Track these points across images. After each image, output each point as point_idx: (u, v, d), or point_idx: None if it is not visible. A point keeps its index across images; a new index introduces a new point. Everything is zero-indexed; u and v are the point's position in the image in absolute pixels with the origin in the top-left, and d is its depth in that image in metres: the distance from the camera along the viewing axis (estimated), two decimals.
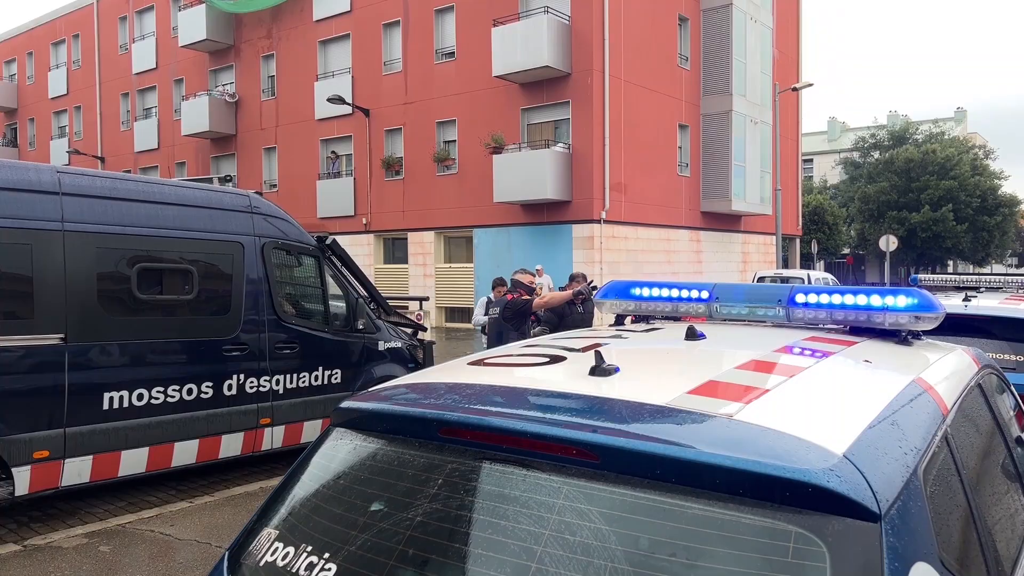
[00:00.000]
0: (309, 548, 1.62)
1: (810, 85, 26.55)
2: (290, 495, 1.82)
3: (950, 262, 44.28)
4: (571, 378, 1.92)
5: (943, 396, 1.94)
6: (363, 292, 7.72)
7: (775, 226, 25.60)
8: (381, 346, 7.59)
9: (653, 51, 21.79)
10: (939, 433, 1.76)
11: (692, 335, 2.38)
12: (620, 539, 1.39)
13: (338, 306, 7.51)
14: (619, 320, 3.09)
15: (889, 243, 29.04)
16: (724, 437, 1.48)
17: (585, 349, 2.20)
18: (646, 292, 3.01)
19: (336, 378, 7.09)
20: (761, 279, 21.16)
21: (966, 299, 6.23)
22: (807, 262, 36.50)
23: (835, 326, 2.76)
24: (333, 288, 7.41)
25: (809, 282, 20.19)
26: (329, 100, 22.66)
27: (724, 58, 23.54)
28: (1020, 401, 3.25)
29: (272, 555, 1.67)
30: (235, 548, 1.79)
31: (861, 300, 2.58)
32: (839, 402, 1.75)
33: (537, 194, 19.65)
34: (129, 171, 28.04)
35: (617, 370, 1.88)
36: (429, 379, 1.98)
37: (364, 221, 24.54)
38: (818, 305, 2.69)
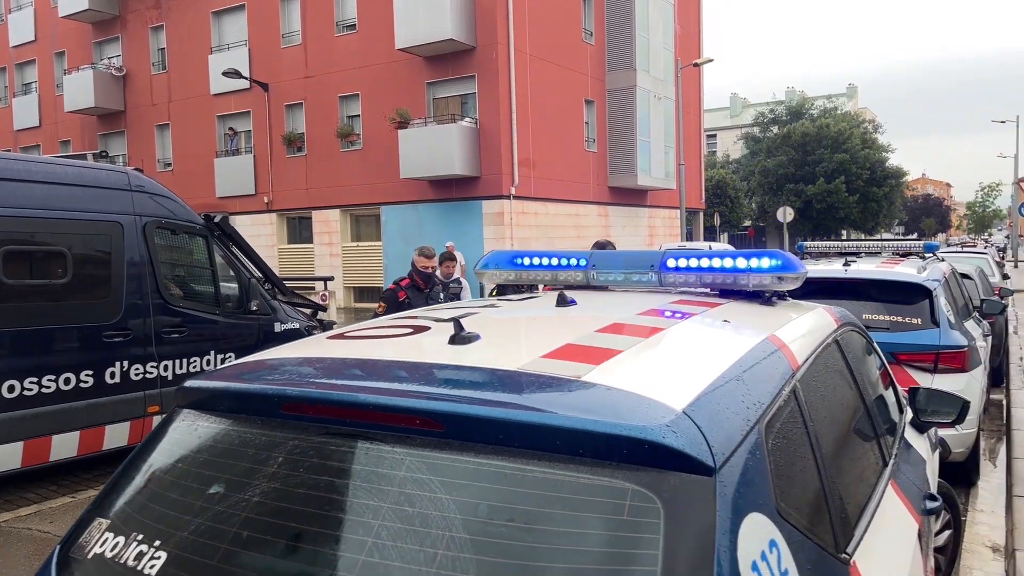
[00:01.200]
0: (140, 537, 1.52)
1: (710, 61, 27.20)
2: (126, 483, 1.71)
3: (844, 231, 46.52)
4: (429, 348, 1.88)
5: (795, 352, 1.99)
6: (257, 272, 7.46)
7: (679, 200, 26.23)
8: (278, 327, 7.36)
9: (558, 25, 21.81)
10: (787, 388, 1.80)
11: (563, 302, 2.37)
12: (459, 507, 1.36)
13: (230, 287, 7.23)
14: (502, 290, 3.06)
15: (786, 214, 30.28)
16: (568, 398, 1.47)
17: (453, 319, 2.16)
18: (527, 261, 2.99)
19: (230, 362, 6.83)
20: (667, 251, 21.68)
21: (846, 264, 6.52)
22: (711, 235, 37.67)
23: (706, 290, 2.82)
24: (225, 269, 7.12)
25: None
26: (225, 74, 21.71)
27: (627, 33, 23.82)
28: (884, 359, 3.42)
29: (101, 547, 1.56)
30: (66, 542, 1.67)
31: (727, 263, 2.64)
32: (688, 360, 1.77)
33: (445, 170, 19.47)
34: (9, 151, 26.19)
35: (478, 338, 1.85)
36: (280, 355, 1.90)
37: (266, 200, 23.75)
38: (688, 269, 2.73)
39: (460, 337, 1.82)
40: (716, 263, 2.67)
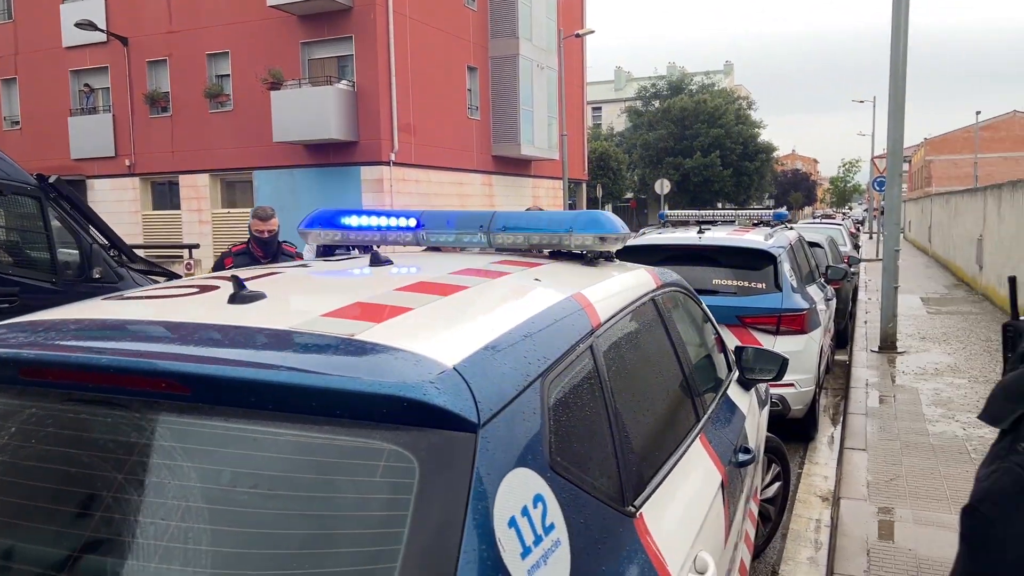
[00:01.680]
0: None
1: (592, 32, 27.50)
2: None
3: (719, 204, 48.62)
4: (204, 308, 1.75)
5: (599, 310, 1.99)
6: (101, 238, 6.94)
7: (562, 171, 26.55)
8: None
9: None
10: (582, 344, 1.79)
11: (376, 261, 2.29)
12: (201, 476, 1.26)
13: (70, 254, 6.69)
14: (326, 251, 2.93)
15: (663, 186, 31.28)
16: (330, 358, 1.39)
17: (252, 279, 2.04)
18: (354, 221, 2.87)
19: None
20: None
21: (700, 231, 6.76)
22: (594, 206, 38.42)
23: (537, 251, 2.80)
24: (64, 234, 6.58)
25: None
26: (78, 26, 20.00)
27: (510, 0, 23.68)
28: (712, 320, 3.53)
29: None
30: None
31: (552, 224, 2.62)
32: (479, 318, 1.72)
33: (321, 134, 18.82)
34: None
35: (262, 297, 1.73)
36: (37, 317, 1.71)
37: (128, 163, 22.25)
38: (516, 229, 2.70)
39: (240, 296, 1.70)
40: (542, 224, 2.66)
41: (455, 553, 1.17)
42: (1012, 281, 2.24)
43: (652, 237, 7.46)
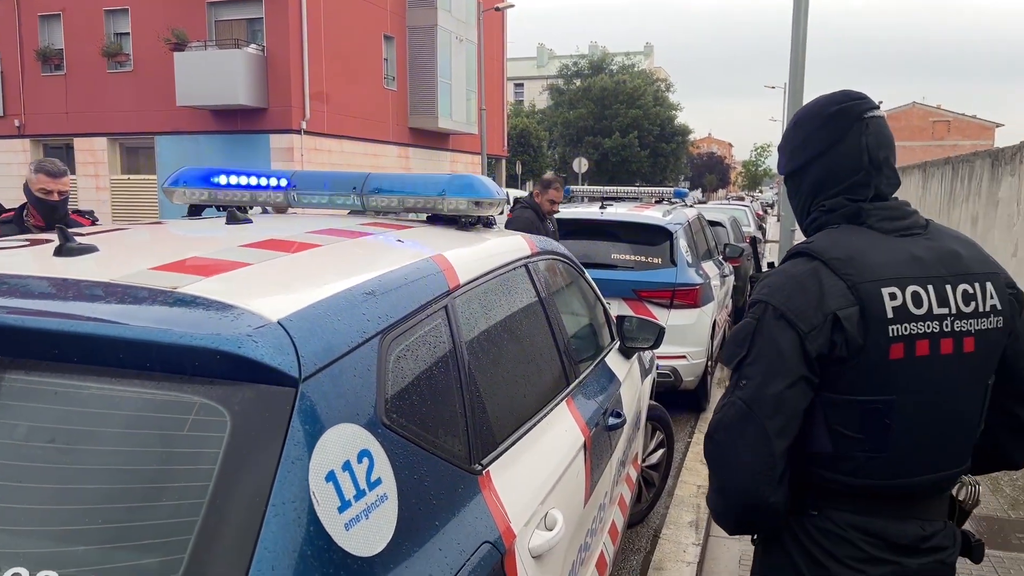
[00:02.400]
0: None
1: (511, 6, 27.33)
2: None
3: (637, 184, 49.38)
4: (25, 260, 1.65)
5: (459, 272, 1.97)
6: None
7: (481, 146, 26.41)
8: None
9: None
10: (435, 305, 1.78)
11: (234, 219, 2.21)
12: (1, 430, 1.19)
13: None
14: (194, 210, 2.81)
15: (581, 165, 31.58)
16: (147, 309, 1.33)
17: (90, 234, 1.94)
18: (223, 180, 2.76)
19: None
20: None
21: (602, 207, 6.86)
22: (513, 183, 38.46)
23: (412, 214, 2.77)
24: None
25: (508, 201, 21.21)
26: None
27: None
28: (596, 290, 3.58)
29: None
30: None
31: (426, 187, 2.59)
32: (321, 275, 1.68)
33: (227, 99, 18.09)
34: None
35: (93, 251, 1.65)
36: None
37: (16, 123, 20.86)
38: (391, 192, 2.66)
39: (67, 249, 1.61)
40: (416, 187, 2.62)
41: (263, 506, 1.14)
42: (753, 242, 2.43)
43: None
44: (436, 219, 2.70)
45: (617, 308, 5.70)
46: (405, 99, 23.75)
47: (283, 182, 2.74)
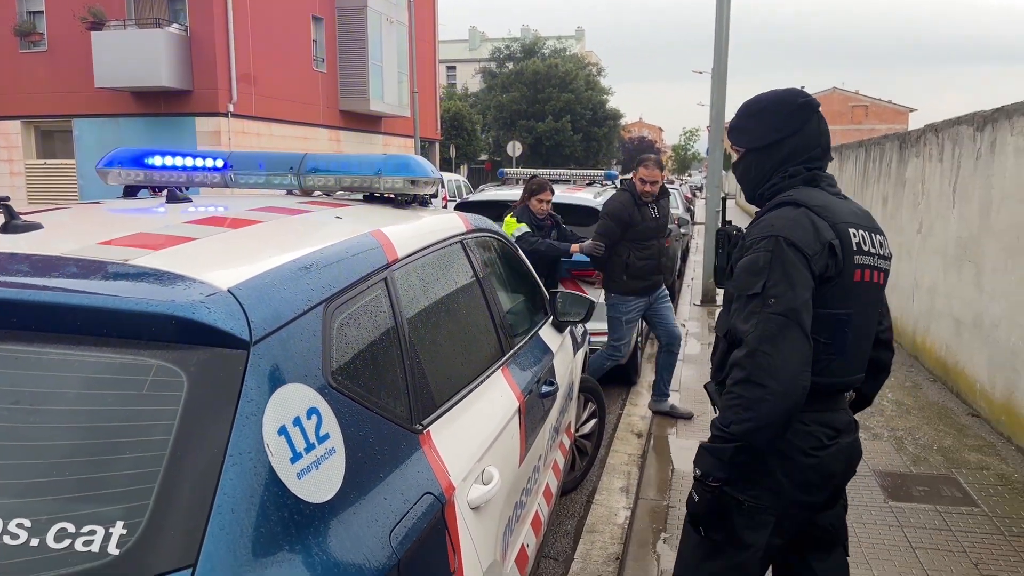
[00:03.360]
0: None
1: None
2: None
3: (571, 167, 49.76)
4: None
5: (397, 246, 2.08)
6: None
7: (414, 129, 26.25)
8: None
9: None
10: (375, 276, 1.88)
11: (174, 198, 2.26)
12: None
13: None
14: (130, 192, 2.83)
15: (515, 149, 31.72)
16: (101, 280, 1.40)
17: (32, 213, 1.97)
18: (158, 161, 2.78)
19: None
20: None
21: None
22: (447, 166, 38.34)
23: (350, 193, 2.84)
24: None
25: (442, 185, 21.22)
26: None
27: None
28: (528, 265, 3.73)
29: None
30: None
31: (362, 167, 2.67)
32: (264, 248, 1.77)
33: (149, 80, 17.51)
34: None
35: (38, 227, 1.70)
36: None
37: None
38: (327, 171, 2.73)
39: (12, 225, 1.65)
40: (353, 167, 2.70)
41: (221, 456, 1.24)
42: (724, 200, 2.82)
43: (490, 193, 7.65)
44: (372, 198, 2.79)
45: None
46: (336, 81, 23.40)
47: (220, 163, 2.78)
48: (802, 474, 1.94)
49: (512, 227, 5.81)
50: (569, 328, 3.87)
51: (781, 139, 2.04)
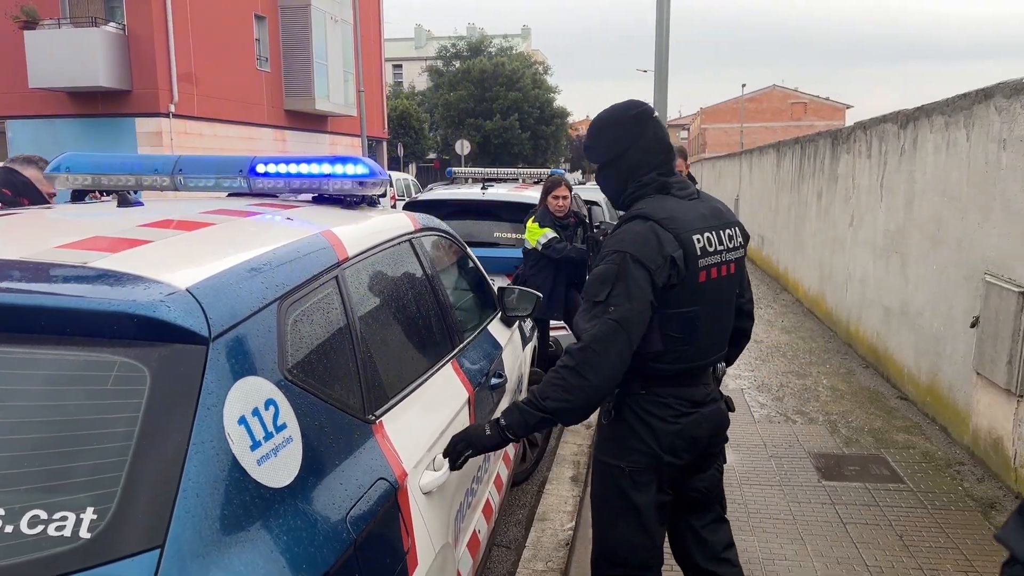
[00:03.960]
0: None
1: None
2: None
3: (519, 166, 50.00)
4: None
5: (347, 246, 2.16)
6: None
7: (360, 128, 26.07)
8: None
9: None
10: (326, 275, 1.97)
11: (125, 202, 2.30)
12: None
13: None
14: (77, 196, 2.84)
15: (463, 147, 31.74)
16: (64, 282, 1.46)
17: None
18: (107, 164, 2.80)
19: None
20: None
21: (484, 188, 7.12)
22: (395, 165, 38.15)
23: (301, 195, 2.90)
24: None
25: (391, 184, 21.15)
26: None
27: None
28: (477, 263, 3.83)
29: None
30: None
31: (313, 169, 2.74)
32: (219, 249, 1.84)
33: (86, 80, 17.08)
34: None
35: None
36: None
37: None
38: (276, 175, 2.78)
39: None
40: (303, 169, 2.76)
41: (185, 444, 1.32)
42: (590, 207, 2.91)
43: (439, 193, 7.73)
44: (321, 199, 2.86)
45: (501, 284, 5.98)
46: (280, 81, 23.12)
47: (168, 166, 2.81)
48: (667, 439, 2.22)
49: (536, 234, 5.57)
50: (518, 323, 3.99)
51: (623, 151, 2.24)
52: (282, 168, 2.78)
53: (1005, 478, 4.28)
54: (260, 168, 2.79)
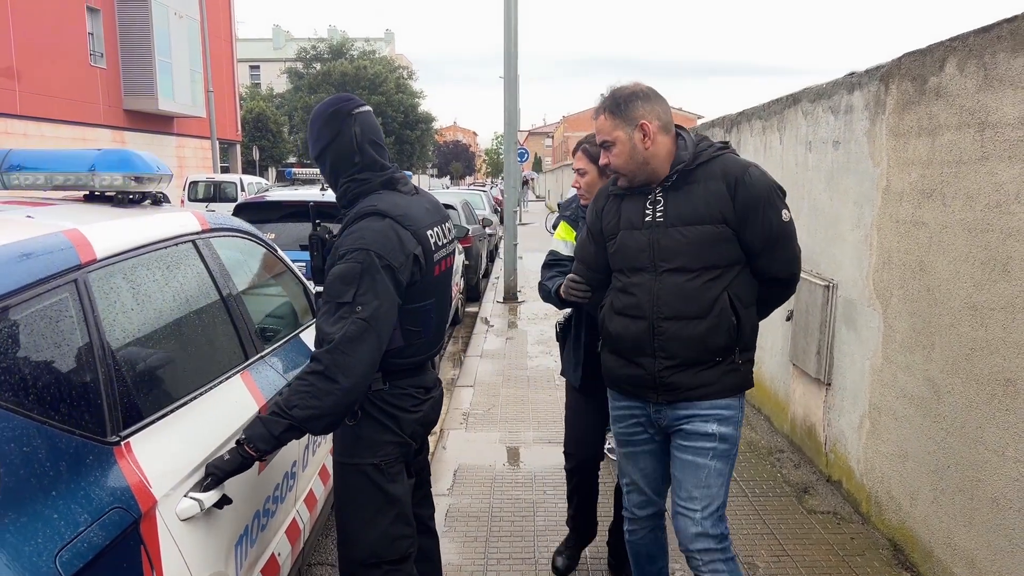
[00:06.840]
0: None
1: None
2: None
3: None
4: None
5: (96, 246, 1.92)
6: None
7: (210, 130, 24.77)
8: None
9: None
10: (60, 279, 1.73)
11: None
12: None
13: None
14: None
15: None
16: None
17: None
18: None
19: None
20: (194, 183, 20.34)
21: (323, 188, 6.84)
22: (251, 169, 36.56)
23: (66, 192, 2.61)
24: None
25: (242, 187, 20.17)
26: None
27: None
28: (292, 267, 3.61)
29: None
30: None
31: (74, 163, 2.46)
32: None
33: None
34: None
35: None
36: None
37: None
38: (35, 170, 2.48)
39: None
40: (63, 163, 2.47)
41: None
42: (311, 207, 2.75)
43: (274, 194, 7.39)
44: (94, 197, 2.58)
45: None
46: (119, 78, 21.54)
47: None
48: (410, 427, 2.29)
49: (569, 236, 3.30)
50: None
51: (325, 147, 2.25)
52: (42, 163, 2.49)
53: (818, 463, 4.52)
54: (16, 163, 2.48)
